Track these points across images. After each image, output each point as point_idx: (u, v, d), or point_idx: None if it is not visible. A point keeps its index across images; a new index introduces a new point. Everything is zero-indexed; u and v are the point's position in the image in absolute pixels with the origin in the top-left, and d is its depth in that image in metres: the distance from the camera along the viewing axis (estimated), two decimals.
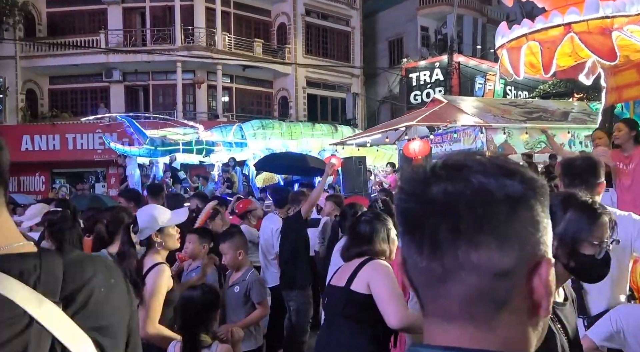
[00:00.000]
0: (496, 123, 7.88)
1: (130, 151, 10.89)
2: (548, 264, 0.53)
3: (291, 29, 21.23)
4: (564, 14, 3.41)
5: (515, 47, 3.63)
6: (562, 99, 13.58)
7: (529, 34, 3.53)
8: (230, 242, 2.88)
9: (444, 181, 0.53)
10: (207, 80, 19.72)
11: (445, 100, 8.78)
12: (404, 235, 0.56)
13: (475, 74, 19.64)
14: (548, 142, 5.92)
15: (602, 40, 3.31)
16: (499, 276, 0.51)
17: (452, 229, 0.51)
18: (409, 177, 0.57)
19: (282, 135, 12.11)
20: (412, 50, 22.19)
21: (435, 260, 0.53)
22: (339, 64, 22.37)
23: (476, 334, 0.53)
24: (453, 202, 0.52)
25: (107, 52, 18.02)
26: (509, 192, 0.52)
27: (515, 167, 0.55)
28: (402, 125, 8.41)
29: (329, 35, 22.78)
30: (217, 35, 19.06)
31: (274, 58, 20.92)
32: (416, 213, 0.54)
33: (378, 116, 22.85)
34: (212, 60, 18.67)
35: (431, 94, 19.42)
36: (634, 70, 4.09)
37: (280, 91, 21.83)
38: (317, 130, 12.84)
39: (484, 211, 0.51)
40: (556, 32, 3.40)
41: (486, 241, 0.51)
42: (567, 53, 3.51)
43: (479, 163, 0.54)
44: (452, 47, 17.99)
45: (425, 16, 22.37)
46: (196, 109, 19.87)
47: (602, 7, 3.31)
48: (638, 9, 3.39)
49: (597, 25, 3.33)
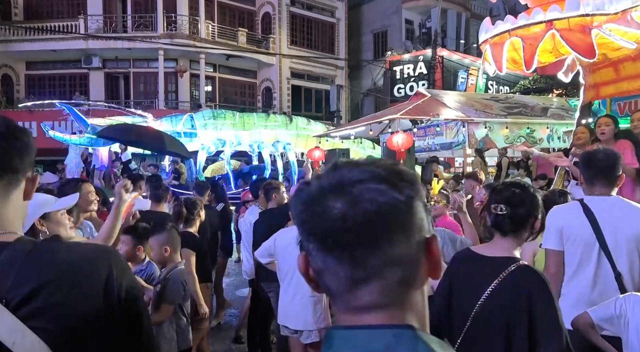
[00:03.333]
0: (478, 117, 7.99)
1: (71, 140, 10.41)
2: (435, 239, 0.62)
3: (276, 19, 21.05)
4: (546, 11, 3.47)
5: (498, 43, 3.68)
6: (542, 94, 13.82)
7: (512, 30, 3.58)
8: (156, 237, 2.73)
9: (346, 195, 0.58)
10: (189, 69, 19.45)
11: (428, 94, 8.85)
12: (318, 251, 0.60)
13: (458, 68, 19.82)
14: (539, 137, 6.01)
15: (582, 38, 3.39)
16: (410, 262, 0.60)
17: (370, 240, 0.57)
18: (304, 195, 0.61)
19: (235, 125, 11.84)
20: (396, 44, 22.26)
21: (357, 269, 0.58)
22: (323, 55, 22.31)
23: (392, 314, 0.59)
24: (364, 214, 0.57)
25: (87, 38, 17.58)
26: (406, 194, 0.59)
27: (400, 169, 0.62)
28: (385, 118, 8.46)
29: (314, 26, 22.67)
30: (201, 24, 18.78)
31: (258, 48, 20.73)
32: (329, 231, 0.58)
33: (362, 109, 22.91)
34: (195, 48, 18.41)
35: (415, 87, 19.56)
36: (611, 68, 4.20)
37: (264, 82, 21.68)
38: (271, 121, 12.55)
39: (393, 215, 0.58)
40: (538, 29, 3.46)
41: (398, 239, 0.58)
42: (548, 49, 3.58)
43: (372, 172, 0.59)
44: (436, 41, 18.09)
45: (410, 9, 22.43)
46: (178, 98, 19.61)
47: (583, 5, 3.38)
48: (617, 8, 3.47)
49: (577, 23, 3.40)
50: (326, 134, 11.22)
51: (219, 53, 19.17)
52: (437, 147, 8.85)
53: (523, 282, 1.64)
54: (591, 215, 2.19)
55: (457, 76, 19.91)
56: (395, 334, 0.57)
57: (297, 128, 12.82)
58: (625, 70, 4.12)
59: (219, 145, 11.74)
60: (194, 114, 11.72)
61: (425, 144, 9.04)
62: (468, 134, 7.94)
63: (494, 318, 1.65)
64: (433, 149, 9.00)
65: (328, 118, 20.18)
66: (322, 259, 0.59)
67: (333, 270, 0.59)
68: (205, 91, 19.69)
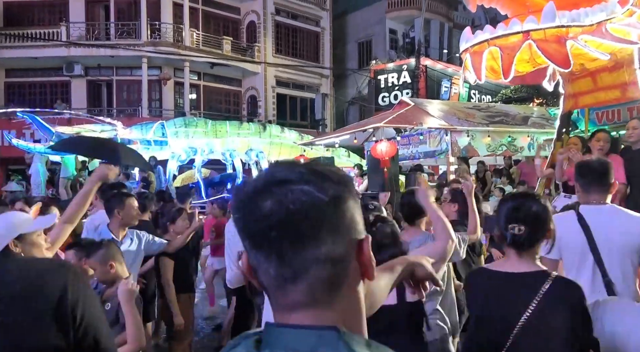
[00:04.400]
0: (460, 126, 8.08)
1: (35, 148, 10.22)
2: (367, 241, 0.64)
3: (261, 28, 21.10)
4: (523, 21, 3.54)
5: (477, 52, 3.74)
6: (523, 103, 14.07)
7: (491, 40, 3.64)
8: (95, 257, 2.54)
9: (274, 195, 0.60)
10: (174, 77, 19.34)
11: (412, 102, 8.94)
12: (250, 249, 0.63)
13: (441, 78, 20.09)
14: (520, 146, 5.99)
15: (557, 48, 3.45)
16: (338, 262, 0.61)
17: (294, 238, 0.59)
18: (241, 194, 0.63)
19: (207, 134, 11.73)
20: (380, 53, 22.48)
21: (284, 266, 0.60)
22: (308, 64, 22.40)
23: (319, 314, 0.61)
24: (288, 213, 0.59)
25: (68, 46, 17.37)
26: (331, 194, 0.61)
27: (328, 170, 0.64)
28: (369, 127, 8.50)
29: (299, 35, 22.78)
30: (185, 32, 18.73)
31: (243, 56, 20.73)
32: (257, 228, 0.61)
33: (347, 117, 23.02)
34: (179, 56, 18.34)
35: (399, 96, 19.73)
36: (589, 78, 4.29)
37: (249, 90, 21.67)
38: (244, 129, 12.47)
39: (317, 214, 0.60)
40: (515, 39, 3.52)
41: (324, 238, 0.60)
42: (525, 59, 3.64)
43: (299, 173, 0.61)
44: (420, 50, 18.33)
45: (394, 19, 22.72)
46: (162, 106, 19.46)
47: (559, 17, 3.45)
48: (592, 20, 3.55)
49: (553, 34, 3.46)
50: (311, 143, 11.23)
51: (203, 61, 19.12)
52: (420, 155, 8.92)
53: (564, 295, 1.65)
54: (585, 224, 2.23)
55: (440, 85, 20.17)
56: (319, 334, 0.58)
57: (270, 136, 12.76)
58: (602, 80, 4.22)
59: (190, 153, 11.60)
60: (165, 122, 11.60)
61: (409, 152, 9.11)
62: (451, 142, 8.03)
63: (541, 334, 1.63)
64: (417, 158, 9.07)
65: (313, 126, 20.23)
66: (254, 257, 0.62)
67: (264, 268, 0.61)
68: (189, 99, 19.59)
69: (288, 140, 12.92)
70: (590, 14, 3.58)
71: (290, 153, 12.91)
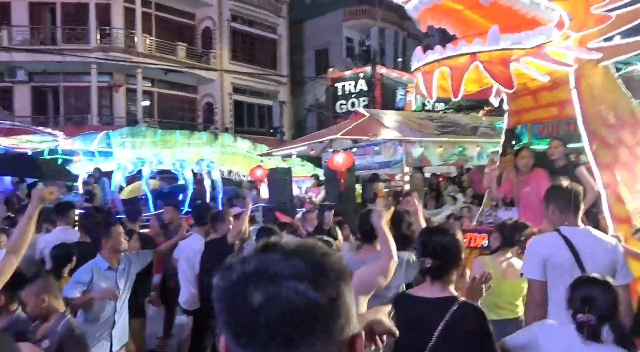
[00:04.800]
0: (414, 137, 8.29)
1: None
2: (359, 336, 0.61)
3: (217, 34, 20.84)
4: (471, 43, 3.67)
5: (428, 71, 3.85)
6: (474, 110, 14.63)
7: (441, 60, 3.76)
8: (29, 289, 2.40)
9: (264, 289, 0.56)
10: (125, 83, 18.74)
11: (367, 113, 9.09)
12: (233, 342, 0.58)
13: (396, 86, 20.56)
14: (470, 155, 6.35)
15: (502, 70, 3.61)
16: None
17: (283, 341, 0.55)
18: (225, 282, 0.59)
19: (155, 144, 11.29)
20: (337, 60, 22.75)
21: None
22: (266, 71, 22.32)
23: None
24: (279, 314, 0.55)
25: (10, 50, 16.46)
26: (327, 295, 0.57)
27: (326, 263, 0.59)
28: (326, 139, 8.58)
29: (256, 42, 22.67)
30: (137, 37, 18.21)
31: (199, 63, 20.39)
32: (243, 324, 0.56)
33: (305, 124, 23.09)
34: (131, 62, 17.78)
35: (356, 103, 20.03)
36: (531, 96, 4.51)
37: (205, 97, 21.31)
38: (195, 139, 12.06)
39: (310, 318, 0.56)
40: (463, 60, 3.65)
41: (317, 340, 0.56)
42: (473, 79, 3.78)
43: (294, 267, 0.57)
44: (375, 59, 18.71)
45: (350, 27, 23.06)
46: (113, 113, 18.79)
47: (503, 40, 3.61)
48: (533, 43, 3.74)
49: (498, 56, 3.62)
50: (268, 153, 11.16)
51: (157, 67, 18.64)
52: (376, 165, 9.08)
53: (467, 319, 1.80)
54: (571, 244, 2.38)
55: (395, 93, 20.64)
56: None
57: (222, 146, 12.44)
58: (542, 98, 4.44)
59: (137, 164, 11.15)
60: (110, 132, 11.11)
61: (366, 162, 9.25)
62: (405, 153, 8.23)
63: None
64: (373, 167, 9.22)
65: (271, 134, 20.14)
66: (236, 349, 0.58)
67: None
68: (142, 107, 19.02)
69: (241, 149, 12.67)
70: (532, 36, 3.76)
71: (243, 163, 12.66)
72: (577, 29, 3.91)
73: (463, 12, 3.95)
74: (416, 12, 3.76)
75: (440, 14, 3.95)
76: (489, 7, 3.62)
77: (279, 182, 8.57)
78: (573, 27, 3.89)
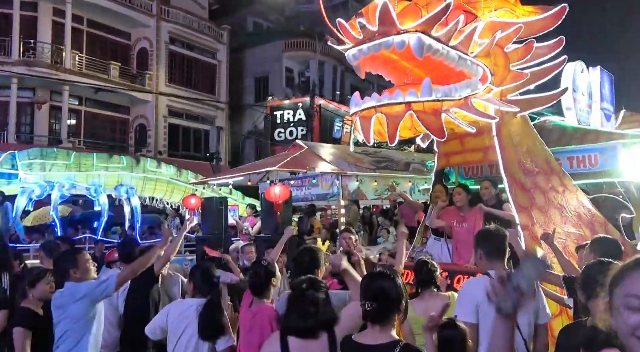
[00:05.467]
0: (350, 171, 8.53)
1: None
2: None
3: (153, 55, 20.34)
4: (405, 93, 3.89)
5: (366, 117, 4.00)
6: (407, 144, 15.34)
7: (377, 107, 3.94)
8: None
9: None
10: (50, 100, 17.63)
11: (305, 146, 9.23)
12: None
13: (334, 117, 21.13)
14: (399, 195, 6.78)
15: (434, 120, 3.85)
16: None
17: None
18: None
19: (68, 167, 10.56)
20: (277, 89, 23.00)
21: None
22: (203, 95, 22.01)
23: None
24: None
25: None
26: None
27: None
28: (264, 171, 8.57)
29: (194, 66, 22.37)
30: (66, 53, 17.30)
31: (133, 83, 19.69)
32: None
33: (243, 151, 22.90)
34: (57, 79, 16.79)
35: (294, 132, 20.27)
36: (458, 140, 4.83)
37: (138, 118, 20.53)
38: (114, 162, 11.41)
39: None
40: (399, 109, 3.85)
41: None
42: (407, 127, 3.99)
43: None
44: (314, 90, 19.16)
45: (290, 58, 23.51)
46: (34, 131, 17.52)
47: (434, 91, 3.87)
48: (461, 95, 4.04)
49: (430, 106, 3.86)
50: (204, 181, 10.90)
51: (87, 85, 17.75)
52: (313, 197, 9.18)
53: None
54: None
55: (333, 124, 21.17)
56: None
57: (144, 171, 11.83)
58: (468, 143, 4.77)
59: (46, 188, 10.34)
60: (16, 153, 10.25)
61: (303, 194, 9.32)
62: (342, 186, 8.42)
63: None
64: (310, 199, 9.31)
65: (207, 159, 19.72)
66: None
67: None
68: (67, 125, 17.94)
69: (164, 176, 12.11)
70: (459, 89, 4.07)
71: (166, 190, 12.14)
72: (498, 83, 4.30)
73: (399, 62, 4.21)
74: (355, 60, 3.94)
75: (377, 62, 4.17)
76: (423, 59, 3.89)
77: (214, 211, 8.36)
78: (495, 81, 4.28)
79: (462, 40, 3.87)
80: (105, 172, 11.02)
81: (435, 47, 3.68)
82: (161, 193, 12.23)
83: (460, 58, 3.96)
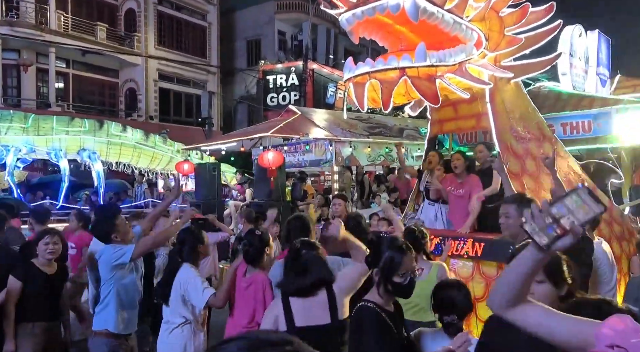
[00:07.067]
0: (344, 137, 8.51)
1: None
2: None
3: (141, 17, 19.70)
4: (400, 58, 3.83)
5: (360, 83, 3.95)
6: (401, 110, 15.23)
7: (371, 73, 3.88)
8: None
9: None
10: (36, 62, 17.16)
11: (298, 112, 9.15)
12: None
13: (327, 82, 20.81)
14: (396, 156, 6.70)
15: (428, 85, 3.81)
16: None
17: None
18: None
19: (26, 130, 10.05)
20: (269, 53, 22.50)
21: None
22: (194, 59, 21.52)
23: None
24: None
25: None
26: None
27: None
28: (257, 136, 8.51)
29: (184, 28, 21.75)
30: (50, 13, 16.71)
31: (121, 46, 19.17)
32: None
33: (235, 116, 22.66)
34: (42, 40, 16.28)
35: (287, 97, 20.01)
36: (451, 107, 4.80)
37: (128, 82, 20.11)
38: (75, 126, 10.83)
39: None
40: (393, 74, 3.80)
41: None
42: (401, 93, 3.95)
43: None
44: (307, 54, 18.78)
45: (283, 21, 22.89)
46: (21, 95, 17.16)
47: (429, 57, 3.81)
48: (455, 60, 3.98)
49: (425, 72, 3.81)
50: (196, 147, 10.83)
51: (74, 47, 17.26)
52: (307, 163, 9.18)
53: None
54: None
55: (327, 89, 20.89)
56: None
57: (108, 135, 11.23)
58: (462, 110, 4.74)
59: (3, 152, 10.01)
60: None
61: (296, 160, 9.32)
62: (335, 152, 8.41)
63: None
64: (303, 165, 9.32)
65: (199, 124, 19.53)
66: None
67: None
68: (55, 88, 17.56)
69: (130, 140, 11.58)
70: (454, 54, 4.00)
71: (132, 155, 11.65)
72: (492, 48, 4.24)
73: (393, 26, 4.11)
74: (349, 25, 3.85)
75: (371, 27, 4.08)
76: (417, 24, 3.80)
77: (207, 177, 8.37)
78: (489, 47, 4.21)
79: (457, 4, 3.78)
80: (66, 136, 10.53)
81: (431, 10, 3.60)
82: (127, 158, 11.70)
83: (455, 22, 3.88)
